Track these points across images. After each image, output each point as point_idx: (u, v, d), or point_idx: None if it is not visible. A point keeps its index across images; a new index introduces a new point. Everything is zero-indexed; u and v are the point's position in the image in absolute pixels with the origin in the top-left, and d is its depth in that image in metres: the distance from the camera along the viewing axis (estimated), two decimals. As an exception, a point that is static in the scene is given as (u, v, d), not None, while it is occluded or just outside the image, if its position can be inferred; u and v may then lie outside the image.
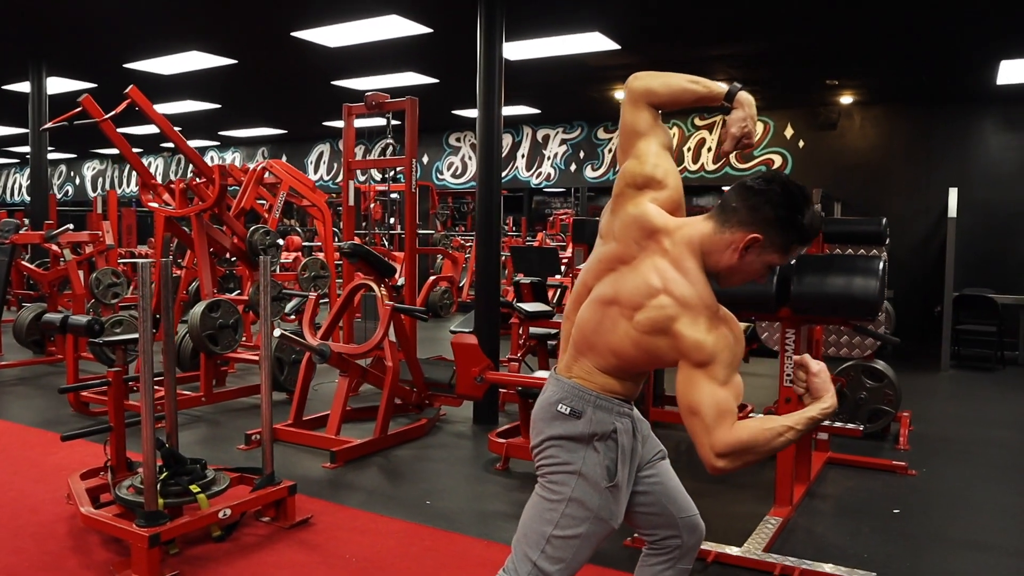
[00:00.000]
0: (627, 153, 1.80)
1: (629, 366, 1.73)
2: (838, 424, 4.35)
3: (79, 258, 7.24)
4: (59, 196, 19.02)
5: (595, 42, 7.30)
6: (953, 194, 8.29)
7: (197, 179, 6.12)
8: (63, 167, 19.15)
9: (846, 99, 9.72)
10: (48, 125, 6.01)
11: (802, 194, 1.64)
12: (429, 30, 7.00)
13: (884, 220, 4.24)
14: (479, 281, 5.82)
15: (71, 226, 7.16)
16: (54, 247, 7.27)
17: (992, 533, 3.69)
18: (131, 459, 3.76)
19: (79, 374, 5.41)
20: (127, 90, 5.41)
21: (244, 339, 6.56)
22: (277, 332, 4.17)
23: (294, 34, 7.23)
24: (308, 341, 4.84)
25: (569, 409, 1.74)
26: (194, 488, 3.26)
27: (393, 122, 6.87)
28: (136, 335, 4.36)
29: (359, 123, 10.35)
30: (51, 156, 18.43)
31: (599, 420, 1.73)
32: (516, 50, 7.50)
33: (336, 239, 8.64)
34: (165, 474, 3.28)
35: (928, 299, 8.89)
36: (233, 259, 7.30)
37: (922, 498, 4.13)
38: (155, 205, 6.17)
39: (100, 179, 18.33)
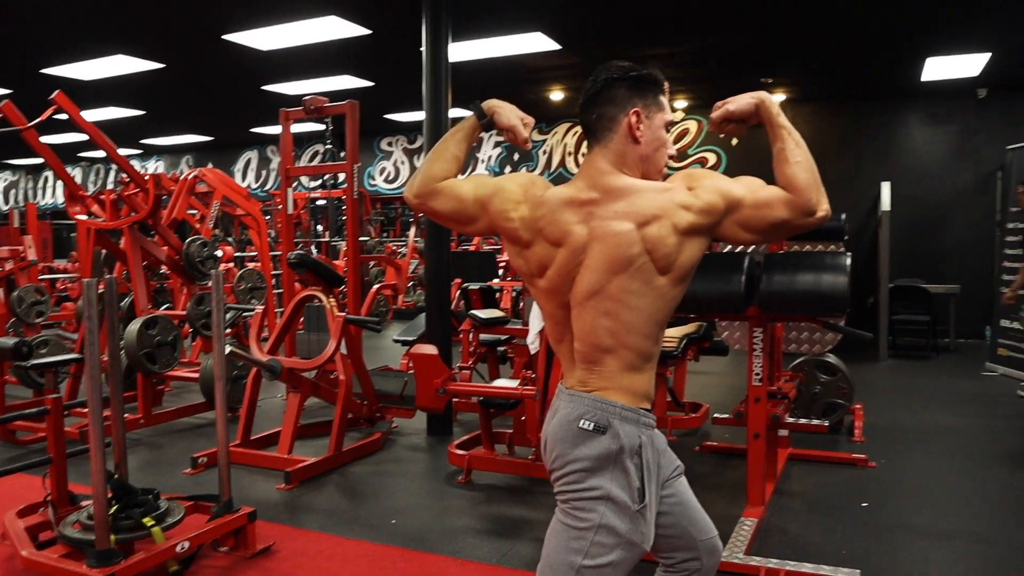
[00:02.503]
0: (494, 217, 1.77)
1: (663, 322, 1.67)
2: (803, 421, 4.36)
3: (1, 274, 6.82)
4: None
5: (537, 42, 7.23)
6: (886, 188, 8.50)
7: (128, 189, 5.81)
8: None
9: (779, 97, 9.87)
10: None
11: (616, 63, 1.72)
12: (368, 31, 6.82)
13: (844, 215, 4.27)
14: (429, 289, 5.67)
15: (-11, 242, 6.74)
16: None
17: (958, 520, 3.74)
18: (72, 492, 3.51)
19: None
20: (52, 96, 5.09)
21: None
22: (228, 349, 3.96)
23: (226, 37, 6.96)
24: (257, 357, 4.63)
25: (593, 424, 1.61)
26: (148, 521, 3.05)
27: (330, 127, 6.67)
28: (68, 356, 4.11)
29: (300, 128, 10.10)
30: (-42, 168, 17.54)
31: (626, 433, 1.62)
32: (455, 52, 7.35)
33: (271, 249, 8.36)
34: (115, 507, 3.05)
35: (861, 291, 9.10)
36: (164, 272, 6.97)
37: (886, 489, 4.17)
38: (83, 217, 5.84)
39: (13, 191, 17.47)
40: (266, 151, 14.04)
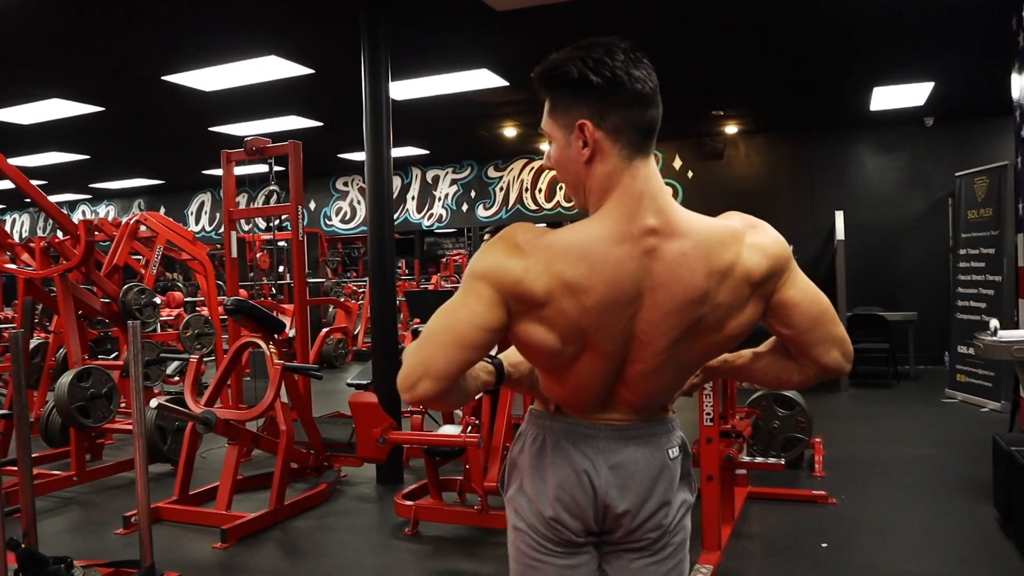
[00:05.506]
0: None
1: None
2: (759, 459, 4.23)
3: (-73, 329, 6.52)
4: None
5: (483, 79, 7.15)
6: (839, 217, 8.52)
7: (60, 236, 5.58)
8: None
9: (731, 128, 9.94)
10: None
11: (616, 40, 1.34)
12: (310, 71, 6.69)
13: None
14: (375, 331, 5.49)
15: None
16: None
17: (922, 559, 3.61)
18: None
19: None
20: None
21: (124, 404, 5.99)
22: (154, 403, 3.76)
23: (165, 78, 6.78)
24: (190, 409, 4.40)
25: (677, 447, 1.51)
26: (56, 595, 2.82)
27: (276, 168, 6.49)
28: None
29: (241, 170, 9.90)
30: None
31: (686, 439, 1.55)
32: (402, 89, 7.27)
33: (220, 293, 8.12)
34: (21, 581, 2.82)
35: (822, 320, 9.07)
36: (108, 320, 6.70)
37: (847, 528, 4.04)
38: (13, 267, 5.59)
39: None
40: (219, 193, 13.79)
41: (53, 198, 15.07)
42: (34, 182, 12.78)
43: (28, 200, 14.98)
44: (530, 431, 1.53)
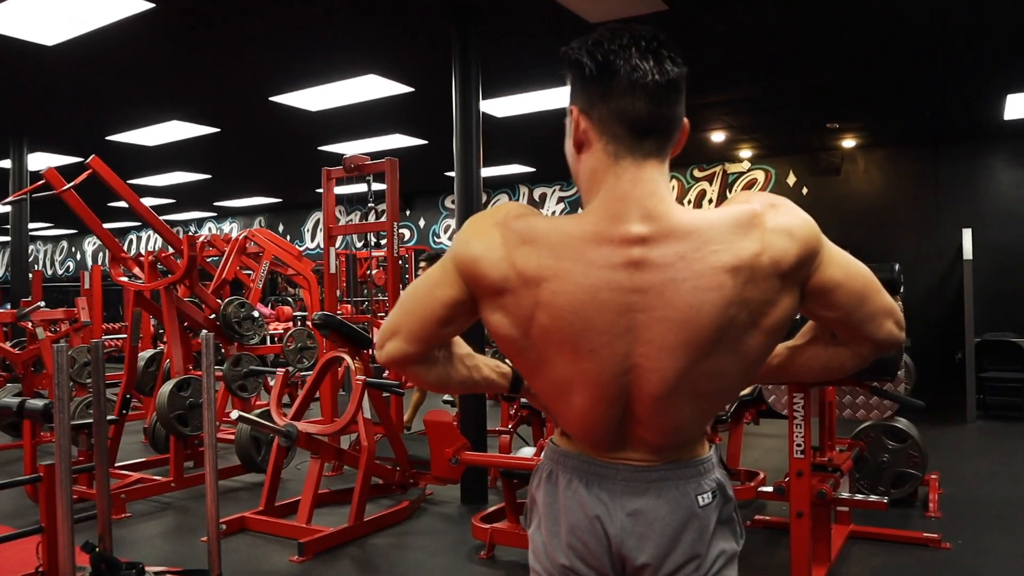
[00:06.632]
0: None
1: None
2: (859, 497, 3.91)
3: (53, 337, 6.93)
4: (60, 272, 18.94)
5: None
6: (967, 235, 7.91)
7: (164, 251, 5.83)
8: (64, 243, 19.07)
9: (848, 143, 9.41)
10: (9, 199, 5.76)
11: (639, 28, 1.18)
12: (410, 89, 6.76)
13: (897, 266, 3.85)
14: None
15: (42, 303, 6.87)
16: (28, 325, 6.97)
17: (1043, 619, 3.23)
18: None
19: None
20: (88, 160, 5.15)
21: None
22: (235, 414, 3.82)
23: (272, 99, 7.01)
24: (275, 422, 4.46)
25: (710, 493, 1.29)
26: (124, 601, 2.87)
27: (380, 185, 6.58)
28: (108, 418, 4.05)
29: (354, 188, 10.16)
30: (52, 232, 18.43)
31: (726, 479, 1.33)
32: (503, 106, 7.25)
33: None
34: (91, 585, 2.88)
35: (947, 346, 8.44)
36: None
37: (959, 577, 3.67)
38: (124, 279, 5.87)
39: (100, 254, 18.21)
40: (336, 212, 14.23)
41: (181, 216, 16.01)
42: (163, 201, 13.54)
43: (163, 218, 15.96)
44: (546, 466, 1.39)
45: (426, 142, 9.02)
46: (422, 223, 13.37)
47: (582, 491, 1.29)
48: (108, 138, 8.41)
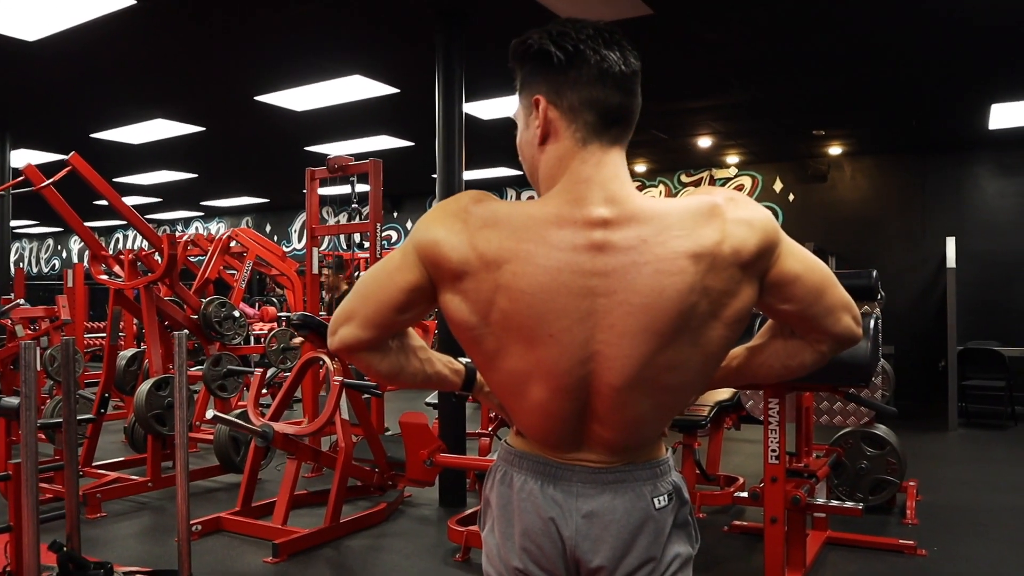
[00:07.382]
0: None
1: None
2: (835, 503, 3.90)
3: (32, 335, 6.87)
4: (46, 270, 18.83)
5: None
6: (951, 244, 7.94)
7: (144, 250, 5.79)
8: (50, 241, 18.96)
9: (835, 150, 9.45)
10: (-12, 196, 5.71)
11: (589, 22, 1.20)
12: (396, 90, 6.74)
13: (875, 273, 3.85)
14: (444, 350, 5.41)
15: (22, 300, 6.81)
16: (8, 323, 6.91)
17: (1015, 627, 3.23)
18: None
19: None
20: (68, 156, 5.12)
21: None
22: (210, 414, 3.78)
23: (258, 98, 6.98)
24: (251, 422, 4.43)
25: (667, 495, 1.28)
26: (89, 601, 2.83)
27: (364, 187, 6.55)
28: (84, 416, 4.02)
29: (342, 189, 10.11)
30: (38, 230, 18.30)
31: (683, 482, 1.32)
32: (489, 108, 7.25)
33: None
34: (57, 585, 2.85)
35: (930, 354, 8.47)
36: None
37: (933, 584, 3.67)
38: (104, 277, 5.82)
39: (86, 252, 18.11)
40: (321, 212, 14.18)
41: (168, 215, 15.91)
42: (150, 200, 13.43)
43: (149, 217, 15.87)
44: (499, 466, 1.36)
45: (413, 144, 9.00)
46: (410, 225, 13.35)
47: (536, 493, 1.27)
48: (92, 135, 8.36)
